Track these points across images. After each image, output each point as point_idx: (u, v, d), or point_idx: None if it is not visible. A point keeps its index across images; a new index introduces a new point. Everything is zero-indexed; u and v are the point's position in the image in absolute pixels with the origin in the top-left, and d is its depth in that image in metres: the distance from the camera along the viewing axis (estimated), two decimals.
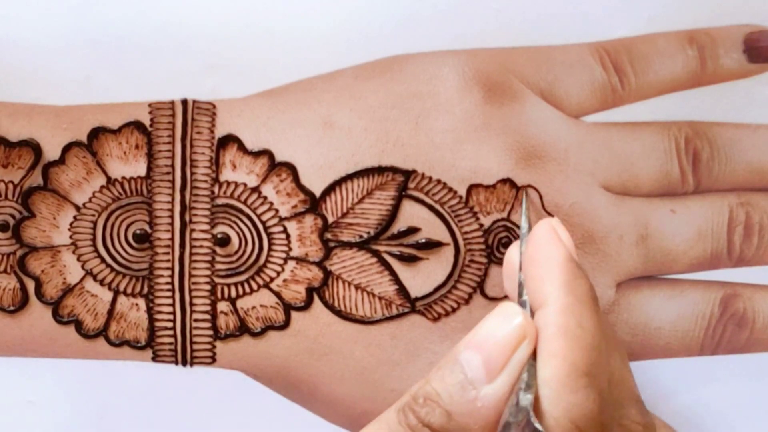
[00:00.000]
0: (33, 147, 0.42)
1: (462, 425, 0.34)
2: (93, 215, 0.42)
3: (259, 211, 0.42)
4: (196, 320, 0.42)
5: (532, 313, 0.36)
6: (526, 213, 0.38)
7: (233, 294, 0.42)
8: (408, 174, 0.43)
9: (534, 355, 0.34)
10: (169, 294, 0.42)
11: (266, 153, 0.42)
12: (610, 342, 0.35)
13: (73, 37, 0.50)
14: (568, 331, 0.34)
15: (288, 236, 0.42)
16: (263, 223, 0.42)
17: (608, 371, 0.34)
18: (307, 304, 0.42)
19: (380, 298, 0.43)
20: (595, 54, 0.45)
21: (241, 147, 0.42)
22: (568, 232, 0.37)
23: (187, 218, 0.42)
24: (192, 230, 0.42)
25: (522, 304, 0.37)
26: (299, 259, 0.43)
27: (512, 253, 0.39)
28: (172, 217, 0.42)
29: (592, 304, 0.35)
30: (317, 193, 0.42)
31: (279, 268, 0.42)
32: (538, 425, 0.33)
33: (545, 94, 0.44)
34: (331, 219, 0.42)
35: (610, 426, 0.33)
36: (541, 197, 0.43)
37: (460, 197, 0.43)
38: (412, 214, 0.43)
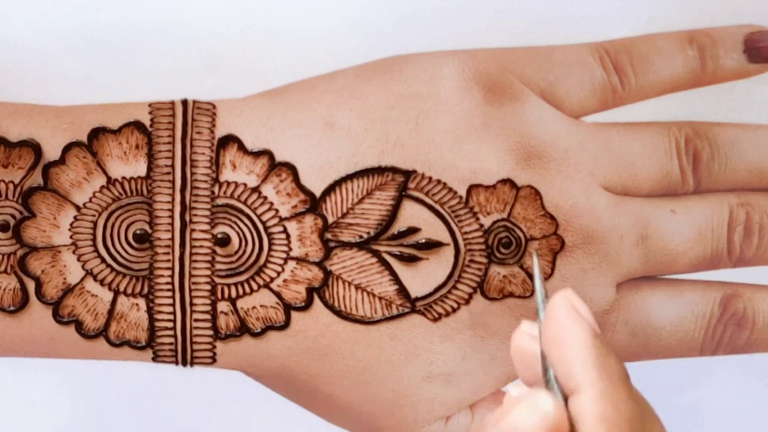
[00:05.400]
0: (33, 147, 0.42)
1: None
2: (93, 215, 0.42)
3: (259, 211, 0.42)
4: (196, 320, 0.42)
5: (563, 396, 0.34)
6: (540, 280, 0.37)
7: (233, 294, 0.42)
8: (408, 174, 0.43)
9: None
10: (170, 294, 0.42)
11: (266, 153, 0.42)
12: (644, 413, 0.34)
13: (73, 37, 0.50)
14: (606, 419, 0.32)
15: (288, 236, 0.42)
16: (263, 223, 0.42)
17: None
18: (307, 305, 0.42)
19: (380, 298, 0.43)
20: (595, 54, 0.45)
21: (241, 147, 0.42)
22: (584, 305, 0.35)
23: (187, 218, 0.42)
24: (192, 230, 0.42)
25: (546, 381, 0.35)
26: (299, 259, 0.43)
27: (520, 340, 0.37)
28: (172, 217, 0.42)
29: (626, 382, 0.34)
30: (317, 193, 0.42)
31: (279, 268, 0.42)
32: None
33: (545, 94, 0.44)
34: (331, 219, 0.42)
35: None
36: (540, 197, 0.43)
37: (460, 197, 0.43)
38: (412, 214, 0.43)
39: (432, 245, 0.43)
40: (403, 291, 0.43)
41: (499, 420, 0.33)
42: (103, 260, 0.42)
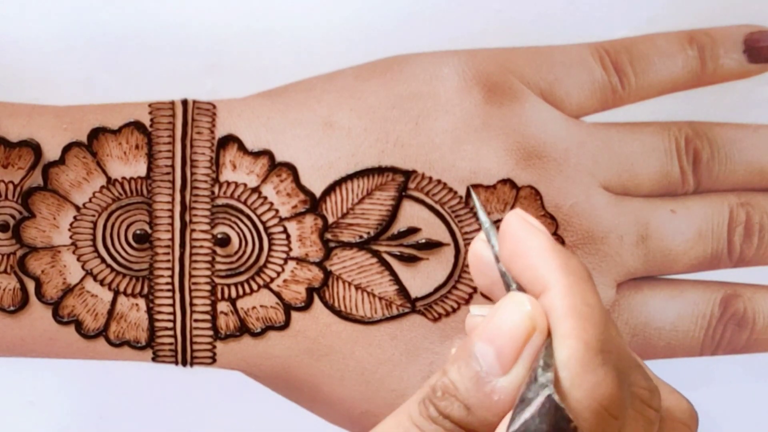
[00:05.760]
0: (33, 147, 0.42)
1: (480, 418, 0.34)
2: (93, 215, 0.42)
3: (259, 212, 0.42)
4: (196, 320, 0.42)
5: None
6: (481, 209, 0.38)
7: (233, 294, 0.42)
8: (408, 174, 0.43)
9: (548, 334, 0.34)
10: (170, 294, 0.42)
11: (266, 153, 0.42)
12: (606, 313, 0.35)
13: (73, 37, 0.50)
14: (575, 310, 0.33)
15: (288, 236, 0.42)
16: (263, 223, 0.42)
17: (616, 344, 0.34)
18: (307, 305, 0.42)
19: (380, 299, 0.43)
20: (595, 54, 0.45)
21: (242, 147, 0.42)
22: (536, 220, 0.36)
23: (187, 218, 0.42)
24: (192, 230, 0.42)
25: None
26: (299, 260, 0.43)
27: (479, 249, 0.37)
28: (172, 217, 0.42)
29: (590, 279, 0.35)
30: (317, 193, 0.42)
31: (279, 269, 0.42)
32: (560, 402, 0.32)
33: (545, 94, 0.44)
34: (331, 219, 0.42)
35: (626, 398, 0.33)
36: (541, 197, 0.43)
37: (460, 197, 0.43)
38: (412, 214, 0.43)
39: (432, 245, 0.43)
40: (403, 291, 0.43)
41: (482, 331, 0.34)
42: (103, 260, 0.42)
